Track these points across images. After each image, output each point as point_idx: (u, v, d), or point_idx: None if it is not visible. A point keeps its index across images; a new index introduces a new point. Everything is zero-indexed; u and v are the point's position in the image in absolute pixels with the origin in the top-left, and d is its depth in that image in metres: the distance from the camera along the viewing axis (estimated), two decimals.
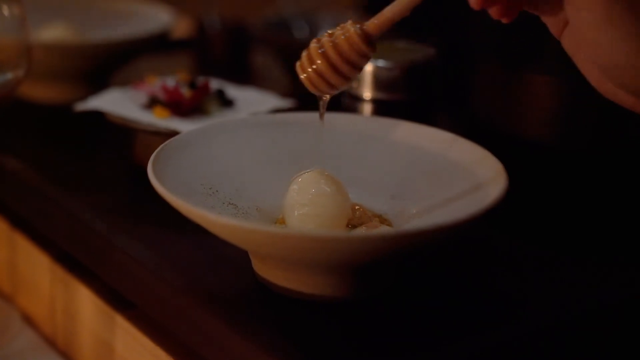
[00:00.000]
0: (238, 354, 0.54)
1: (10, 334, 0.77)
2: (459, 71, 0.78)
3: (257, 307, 0.57)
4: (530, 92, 0.69)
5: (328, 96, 0.59)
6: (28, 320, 0.80)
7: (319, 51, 0.56)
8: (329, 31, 0.57)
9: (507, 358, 0.54)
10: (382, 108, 0.74)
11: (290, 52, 1.03)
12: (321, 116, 0.60)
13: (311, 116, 0.68)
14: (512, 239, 0.67)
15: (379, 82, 0.75)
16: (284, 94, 0.87)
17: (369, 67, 0.75)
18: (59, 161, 0.82)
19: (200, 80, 0.81)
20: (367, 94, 0.75)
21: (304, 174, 0.60)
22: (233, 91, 0.84)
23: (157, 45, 1.00)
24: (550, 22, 0.54)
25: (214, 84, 0.83)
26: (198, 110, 0.79)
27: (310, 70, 0.56)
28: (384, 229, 0.60)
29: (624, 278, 0.62)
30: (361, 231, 0.59)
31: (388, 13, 0.55)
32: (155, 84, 0.82)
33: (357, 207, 0.62)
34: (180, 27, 1.21)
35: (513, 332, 0.56)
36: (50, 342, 0.77)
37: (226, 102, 0.81)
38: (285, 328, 0.55)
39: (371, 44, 0.56)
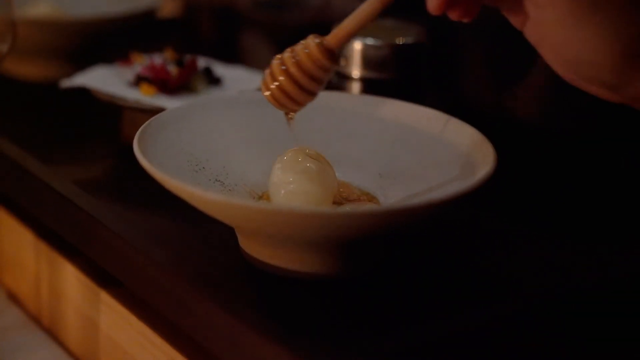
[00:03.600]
0: (224, 331, 0.54)
1: None
2: (448, 50, 0.78)
3: (243, 285, 0.57)
4: (519, 72, 0.69)
5: (293, 114, 0.58)
6: (13, 298, 0.80)
7: (281, 68, 0.55)
8: (291, 48, 0.56)
9: (493, 336, 0.54)
10: (370, 86, 0.74)
11: (278, 31, 1.03)
12: (291, 130, 0.60)
13: None
14: (500, 218, 0.67)
15: (368, 61, 0.74)
16: None
17: (358, 46, 0.75)
18: (44, 138, 0.81)
19: (188, 57, 0.80)
20: (355, 72, 0.75)
21: (289, 151, 0.60)
22: (220, 69, 0.83)
23: (144, 24, 0.99)
24: (511, 16, 0.53)
25: (202, 62, 0.82)
26: (185, 88, 0.78)
27: (273, 87, 0.56)
28: (370, 206, 0.59)
29: (611, 258, 0.62)
30: (348, 208, 0.59)
31: (348, 26, 0.55)
32: (142, 62, 0.81)
33: (344, 185, 0.62)
34: (168, 5, 1.20)
35: (500, 311, 0.56)
36: (36, 320, 0.76)
37: (213, 80, 0.80)
38: (271, 306, 0.55)
39: (333, 58, 0.55)
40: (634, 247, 0.64)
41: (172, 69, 0.78)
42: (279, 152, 0.61)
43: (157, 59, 0.81)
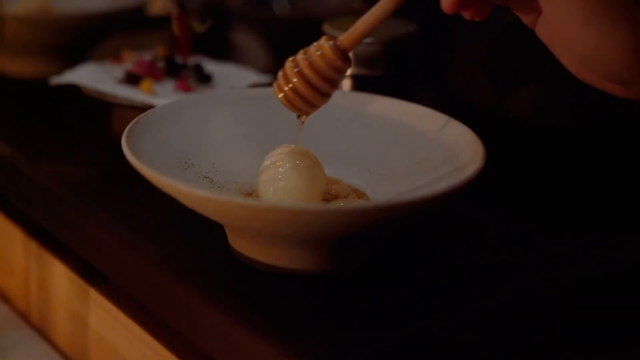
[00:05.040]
0: (213, 327, 0.53)
1: None
2: (439, 47, 0.78)
3: (232, 281, 0.57)
4: (511, 69, 0.69)
5: (305, 116, 0.58)
6: (2, 295, 0.79)
7: (295, 70, 0.56)
8: (303, 49, 0.56)
9: (483, 331, 0.54)
10: (361, 84, 0.74)
11: (269, 28, 1.03)
12: (298, 134, 0.60)
13: None
14: (489, 215, 0.67)
15: (358, 58, 0.74)
16: (263, 69, 0.87)
17: None
18: (33, 135, 0.81)
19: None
20: None
21: (278, 148, 0.60)
22: (211, 66, 0.83)
23: (134, 21, 0.99)
24: (523, 14, 0.53)
25: (192, 59, 0.82)
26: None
27: (287, 89, 0.56)
28: (359, 202, 0.59)
29: (599, 255, 0.63)
30: (337, 204, 0.59)
31: (361, 27, 0.55)
32: (133, 59, 0.81)
33: (334, 182, 0.62)
34: (158, 2, 1.19)
35: (488, 306, 0.56)
36: (25, 317, 0.76)
37: (204, 77, 0.80)
38: (260, 302, 0.55)
39: (346, 59, 0.56)
40: (622, 243, 0.64)
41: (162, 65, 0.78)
42: (270, 149, 0.61)
43: (147, 56, 0.81)
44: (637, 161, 0.69)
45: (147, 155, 0.57)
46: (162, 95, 0.75)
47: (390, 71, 0.74)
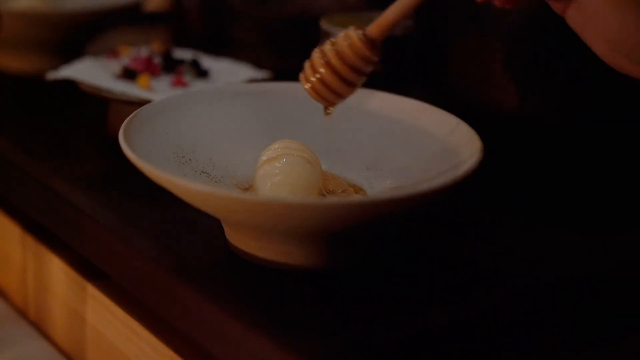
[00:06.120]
0: (210, 323, 0.53)
1: None
2: (435, 42, 0.78)
3: (229, 277, 0.57)
4: (505, 62, 0.69)
5: (331, 108, 0.58)
6: None
7: (322, 60, 0.55)
8: (332, 39, 0.56)
9: (479, 327, 0.54)
10: None
11: (266, 24, 1.03)
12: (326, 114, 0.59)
13: (286, 86, 0.67)
14: (486, 210, 0.67)
15: None
16: (260, 65, 0.87)
17: None
18: (30, 130, 0.81)
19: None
20: None
21: (276, 143, 0.60)
22: (208, 62, 0.83)
23: (132, 17, 0.99)
24: (553, 1, 0.53)
25: (189, 54, 0.82)
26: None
27: (313, 79, 0.56)
28: (356, 197, 0.59)
29: (596, 250, 0.63)
30: (333, 199, 0.59)
31: (390, 15, 0.54)
32: (130, 54, 0.81)
33: (331, 177, 0.62)
34: None
35: (485, 302, 0.56)
36: (22, 313, 0.76)
37: (201, 73, 0.80)
38: (257, 297, 0.55)
39: (375, 49, 0.55)
40: (619, 238, 0.64)
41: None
42: (267, 144, 0.61)
43: (144, 52, 0.81)
44: (636, 157, 0.70)
45: (144, 150, 0.57)
46: (159, 91, 0.75)
47: (386, 66, 0.74)
